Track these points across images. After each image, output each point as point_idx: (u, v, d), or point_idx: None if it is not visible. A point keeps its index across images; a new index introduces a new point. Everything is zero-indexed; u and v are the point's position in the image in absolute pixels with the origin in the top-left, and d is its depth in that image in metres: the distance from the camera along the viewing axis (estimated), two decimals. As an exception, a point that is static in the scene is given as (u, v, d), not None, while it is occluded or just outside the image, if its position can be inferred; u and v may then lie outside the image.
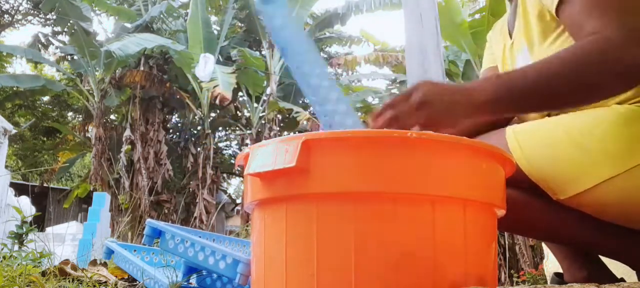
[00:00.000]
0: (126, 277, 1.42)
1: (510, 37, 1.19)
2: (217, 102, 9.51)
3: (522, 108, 0.93)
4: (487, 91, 0.86)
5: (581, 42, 0.86)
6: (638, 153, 0.90)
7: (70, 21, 10.44)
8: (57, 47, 12.80)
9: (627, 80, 0.84)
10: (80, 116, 13.71)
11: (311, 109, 13.53)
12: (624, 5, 0.86)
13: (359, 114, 10.91)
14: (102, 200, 6.87)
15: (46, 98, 14.13)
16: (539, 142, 0.99)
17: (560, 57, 0.86)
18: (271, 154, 0.73)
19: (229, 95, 9.27)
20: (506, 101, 0.87)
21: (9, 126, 6.81)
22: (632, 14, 0.85)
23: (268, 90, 11.07)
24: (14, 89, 11.68)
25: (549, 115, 1.05)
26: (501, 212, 0.82)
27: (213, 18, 12.49)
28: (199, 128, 11.94)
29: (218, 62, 10.14)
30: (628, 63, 0.82)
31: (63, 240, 4.96)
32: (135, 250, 1.44)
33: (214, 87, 9.34)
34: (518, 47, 1.14)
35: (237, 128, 12.85)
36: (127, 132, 10.87)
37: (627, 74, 0.83)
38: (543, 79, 0.85)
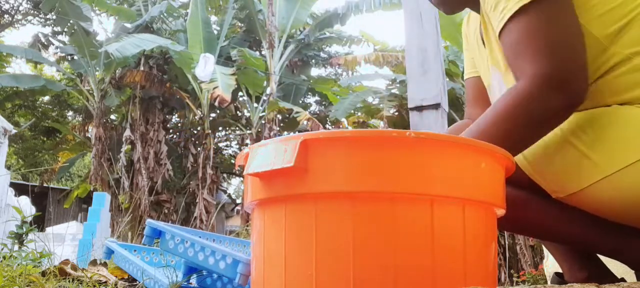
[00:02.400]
0: (126, 277, 1.42)
1: (484, 46, 1.18)
2: (216, 103, 9.51)
3: None
4: None
5: (502, 99, 0.91)
6: (634, 151, 0.90)
7: (70, 21, 10.44)
8: (57, 47, 12.81)
9: (548, 123, 0.89)
10: (80, 116, 13.71)
11: (311, 108, 13.55)
12: (540, 48, 0.89)
13: (359, 114, 10.93)
14: (102, 200, 6.86)
15: (46, 98, 14.14)
16: (537, 142, 0.99)
17: (487, 120, 0.91)
18: (270, 154, 0.74)
19: (228, 97, 9.26)
20: None
21: (9, 126, 6.81)
22: (547, 55, 0.88)
23: (268, 90, 11.07)
24: (14, 89, 11.69)
25: None
26: (501, 212, 0.82)
27: (213, 18, 12.50)
28: (199, 128, 11.94)
29: (218, 62, 10.13)
30: (540, 112, 0.87)
31: (63, 240, 4.96)
32: (135, 250, 1.44)
33: (214, 88, 9.33)
34: (489, 63, 1.15)
35: (237, 128, 12.85)
36: (127, 132, 10.88)
37: (546, 119, 0.88)
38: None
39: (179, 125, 13.13)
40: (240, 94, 11.61)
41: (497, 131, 0.89)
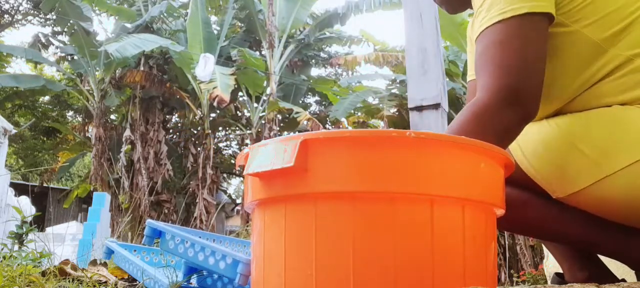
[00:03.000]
0: (126, 277, 1.42)
1: None
2: (215, 104, 9.51)
3: None
4: None
5: (463, 110, 0.95)
6: (634, 151, 0.91)
7: (70, 21, 10.45)
8: (57, 47, 12.81)
9: (503, 139, 0.91)
10: (80, 116, 13.71)
11: (311, 108, 13.55)
12: (498, 63, 0.92)
13: (359, 114, 10.93)
14: (102, 200, 6.86)
15: (46, 98, 14.14)
16: (537, 141, 1.00)
17: (450, 131, 0.94)
18: (270, 154, 0.74)
19: (227, 97, 9.25)
20: None
21: (9, 126, 6.81)
22: (503, 71, 0.91)
23: (268, 90, 11.06)
24: (14, 89, 11.68)
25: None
26: (500, 212, 0.82)
27: (213, 18, 12.50)
28: (199, 128, 11.94)
29: (218, 62, 10.13)
30: (496, 127, 0.90)
31: (63, 240, 4.96)
32: (135, 250, 1.44)
33: (214, 88, 9.33)
34: None
35: (237, 128, 12.85)
36: (127, 132, 10.88)
37: (499, 132, 0.91)
38: None
39: (179, 125, 13.13)
40: (240, 94, 11.61)
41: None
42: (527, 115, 0.92)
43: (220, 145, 13.56)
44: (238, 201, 15.16)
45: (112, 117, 12.82)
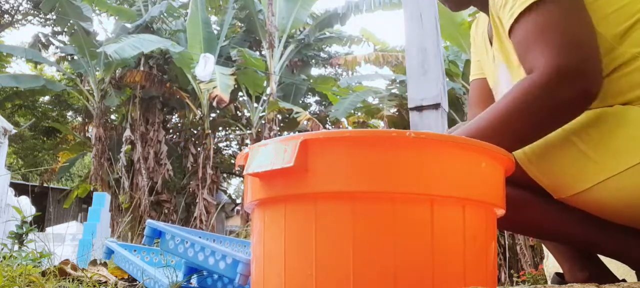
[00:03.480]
0: (126, 277, 1.42)
1: (491, 45, 1.18)
2: (215, 104, 9.51)
3: None
4: None
5: (511, 90, 0.91)
6: (637, 152, 0.90)
7: (70, 21, 10.45)
8: (57, 47, 12.81)
9: (557, 118, 0.89)
10: (80, 116, 13.71)
11: (311, 108, 13.55)
12: (554, 39, 0.88)
13: (359, 114, 10.93)
14: (102, 200, 6.86)
15: (46, 98, 14.13)
16: (540, 141, 0.99)
17: (495, 110, 0.91)
18: (270, 154, 0.73)
19: (226, 97, 9.25)
20: None
21: (9, 126, 6.81)
22: (561, 47, 0.87)
23: (268, 90, 11.06)
24: (14, 89, 11.68)
25: None
26: (501, 212, 0.82)
27: (213, 18, 12.50)
28: (199, 128, 11.94)
29: (218, 62, 10.13)
30: (555, 102, 0.87)
31: (63, 240, 4.96)
32: (135, 250, 1.44)
33: (213, 88, 9.32)
34: (497, 61, 1.14)
35: (237, 128, 12.86)
36: (127, 132, 10.88)
37: (558, 111, 0.88)
38: (482, 136, 0.86)
39: (179, 125, 13.13)
40: (240, 93, 11.62)
41: (507, 119, 0.89)
42: (592, 89, 0.87)
43: (220, 145, 13.57)
44: (238, 201, 15.16)
45: (112, 117, 12.82)
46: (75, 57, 11.49)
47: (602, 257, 1.17)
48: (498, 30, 1.09)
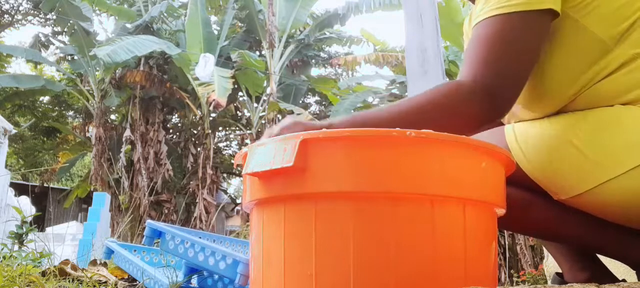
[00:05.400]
0: (126, 277, 1.42)
1: None
2: (212, 107, 9.50)
3: None
4: (343, 124, 0.88)
5: (439, 86, 0.93)
6: (637, 154, 0.90)
7: (70, 21, 10.44)
8: (57, 47, 12.80)
9: (462, 125, 0.90)
10: (80, 116, 13.71)
11: (311, 109, 13.55)
12: (486, 56, 0.91)
13: (359, 114, 10.90)
14: (102, 200, 6.87)
15: (46, 98, 14.12)
16: (539, 142, 0.99)
17: (414, 98, 0.93)
18: (269, 153, 0.73)
19: (223, 101, 9.23)
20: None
21: (9, 126, 6.82)
22: (489, 65, 0.90)
23: (268, 90, 11.07)
24: (14, 89, 11.68)
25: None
26: (501, 211, 0.81)
27: (213, 18, 12.50)
28: (199, 128, 11.94)
29: (218, 62, 10.13)
30: (464, 111, 0.89)
31: (63, 240, 4.95)
32: (135, 250, 1.44)
33: (212, 91, 9.31)
34: None
35: (237, 128, 12.85)
36: (127, 132, 10.88)
37: (463, 119, 0.90)
38: (394, 119, 0.88)
39: (179, 125, 13.12)
40: (240, 94, 11.62)
41: (414, 109, 0.91)
42: (494, 116, 0.92)
43: (220, 145, 13.56)
44: (238, 201, 15.15)
45: (112, 117, 12.82)
46: (75, 57, 11.49)
47: (602, 257, 1.17)
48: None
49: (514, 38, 0.91)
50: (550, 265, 1.74)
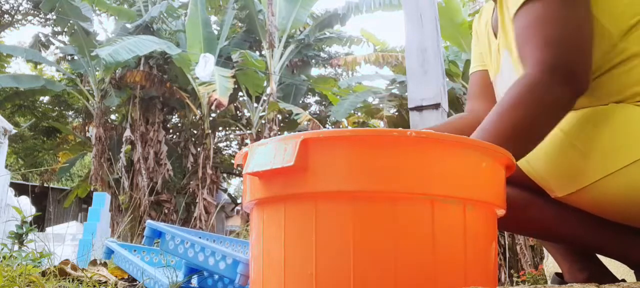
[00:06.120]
0: (126, 277, 1.42)
1: (495, 37, 1.18)
2: (214, 107, 9.50)
3: None
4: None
5: (514, 85, 0.90)
6: (633, 151, 0.90)
7: (70, 21, 10.44)
8: (57, 47, 12.80)
9: (556, 115, 0.90)
10: (81, 116, 13.71)
11: (311, 109, 13.55)
12: (547, 37, 0.89)
13: (359, 114, 10.92)
14: (102, 200, 6.86)
15: (46, 98, 14.12)
16: None
17: (498, 113, 0.90)
18: (270, 153, 0.73)
19: (225, 101, 9.23)
20: None
21: (9, 126, 6.82)
22: (553, 46, 0.88)
23: (268, 90, 11.07)
24: (14, 89, 11.68)
25: None
26: (501, 212, 0.81)
27: (213, 18, 12.50)
28: (199, 128, 11.94)
29: (218, 62, 10.12)
30: (546, 101, 0.88)
31: (63, 240, 4.96)
32: (135, 250, 1.44)
33: (213, 91, 9.31)
34: (502, 50, 1.14)
35: (237, 128, 12.85)
36: (127, 132, 10.88)
37: (552, 107, 0.88)
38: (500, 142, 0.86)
39: (179, 125, 13.13)
40: (240, 94, 11.62)
41: (508, 118, 0.89)
42: (580, 91, 0.89)
43: (220, 145, 13.56)
44: (238, 201, 15.15)
45: (112, 117, 12.82)
46: (75, 57, 11.49)
47: (601, 257, 1.17)
48: (503, 17, 1.09)
49: (568, 12, 0.90)
50: (550, 265, 1.74)
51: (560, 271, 1.23)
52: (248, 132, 11.62)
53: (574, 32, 0.89)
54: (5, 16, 14.04)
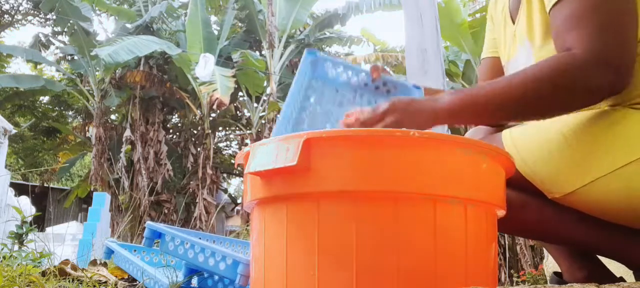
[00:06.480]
0: (126, 277, 1.42)
1: (513, 22, 1.17)
2: (215, 107, 9.49)
3: (482, 119, 1.02)
4: (451, 103, 0.91)
5: (548, 60, 0.89)
6: (627, 152, 0.91)
7: (70, 21, 10.44)
8: (57, 47, 12.80)
9: (585, 99, 0.88)
10: (81, 116, 13.71)
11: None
12: (599, 24, 0.87)
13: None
14: (102, 200, 6.86)
15: (46, 98, 14.13)
16: (533, 142, 1.00)
17: (521, 76, 0.90)
18: (272, 153, 0.73)
19: (226, 100, 9.23)
20: (467, 111, 0.93)
21: (9, 126, 6.82)
22: (604, 33, 0.87)
23: (268, 90, 11.07)
24: (14, 89, 11.68)
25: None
26: (501, 212, 0.82)
27: (213, 18, 12.50)
28: (199, 128, 11.94)
29: (218, 62, 10.12)
30: (586, 84, 0.86)
31: (63, 240, 4.95)
32: (135, 250, 1.44)
33: (214, 91, 9.31)
34: (520, 38, 1.12)
35: (237, 128, 12.85)
36: (127, 132, 10.88)
37: (586, 94, 0.87)
38: (503, 97, 0.89)
39: (179, 125, 13.13)
40: (240, 94, 11.61)
41: (534, 84, 0.88)
42: (619, 86, 0.87)
43: (220, 145, 13.56)
44: (238, 201, 15.15)
45: (112, 117, 12.82)
46: (75, 57, 11.49)
47: (601, 257, 1.17)
48: (531, 6, 1.07)
49: (620, 5, 0.88)
50: (550, 265, 1.74)
51: (559, 270, 1.23)
52: (248, 132, 11.62)
53: (621, 25, 0.88)
54: (5, 16, 14.04)
